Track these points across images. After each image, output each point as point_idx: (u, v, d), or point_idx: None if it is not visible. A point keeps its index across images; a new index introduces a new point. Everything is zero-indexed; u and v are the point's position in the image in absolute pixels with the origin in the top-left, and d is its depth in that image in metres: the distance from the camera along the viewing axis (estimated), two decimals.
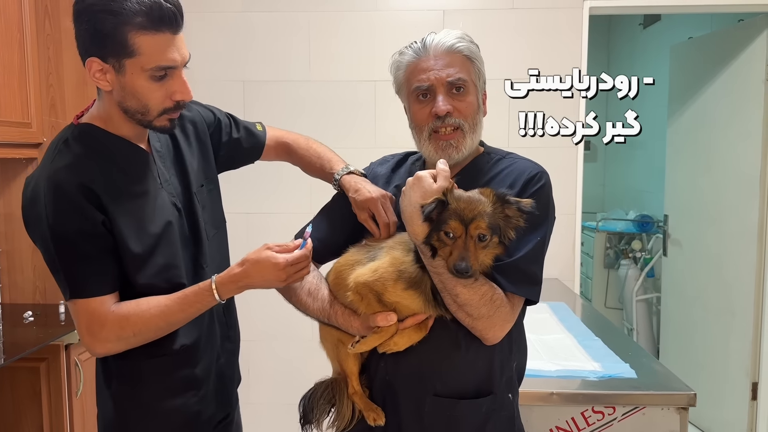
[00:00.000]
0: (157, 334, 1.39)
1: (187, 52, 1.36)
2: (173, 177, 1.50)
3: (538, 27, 3.35)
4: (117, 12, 1.25)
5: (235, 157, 1.74)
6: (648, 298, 4.68)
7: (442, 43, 1.37)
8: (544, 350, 2.10)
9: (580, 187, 3.45)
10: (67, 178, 1.31)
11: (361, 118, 3.41)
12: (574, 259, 3.47)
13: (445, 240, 1.20)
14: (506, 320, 1.28)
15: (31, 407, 2.39)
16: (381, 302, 1.30)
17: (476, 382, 1.34)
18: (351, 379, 1.42)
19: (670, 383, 1.86)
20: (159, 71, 1.31)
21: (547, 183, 1.34)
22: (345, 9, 3.38)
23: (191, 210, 1.52)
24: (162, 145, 1.50)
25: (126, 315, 1.35)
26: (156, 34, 1.28)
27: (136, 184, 1.41)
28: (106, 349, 1.38)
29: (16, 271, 2.81)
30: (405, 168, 1.52)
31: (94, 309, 1.34)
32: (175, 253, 1.44)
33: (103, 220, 1.33)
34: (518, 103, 3.35)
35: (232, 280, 1.36)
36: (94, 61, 1.31)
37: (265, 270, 1.33)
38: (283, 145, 1.77)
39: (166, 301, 1.37)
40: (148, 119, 1.37)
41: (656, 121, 4.71)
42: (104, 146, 1.39)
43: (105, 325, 1.34)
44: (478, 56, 1.40)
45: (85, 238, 1.32)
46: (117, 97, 1.35)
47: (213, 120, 1.67)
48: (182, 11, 1.33)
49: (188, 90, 1.38)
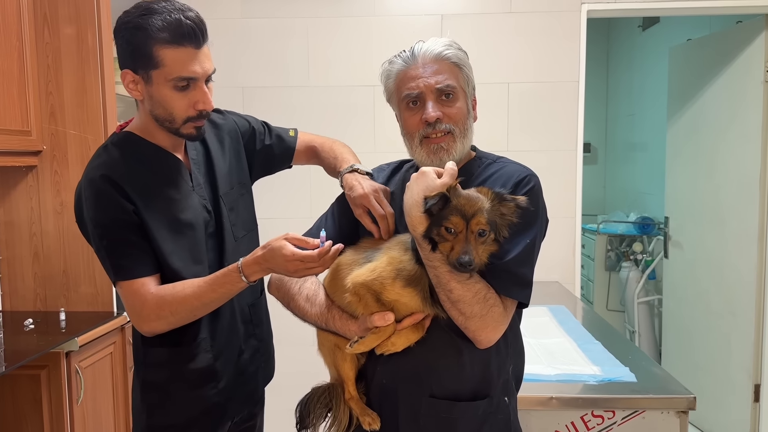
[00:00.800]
0: (193, 314, 1.48)
1: (211, 66, 1.49)
2: (205, 182, 1.62)
3: (537, 30, 3.36)
4: (145, 28, 1.41)
5: (269, 163, 1.84)
6: (649, 300, 4.67)
7: (430, 50, 1.39)
8: (543, 354, 2.10)
9: (580, 190, 3.45)
10: (98, 173, 1.46)
11: (360, 123, 3.42)
12: (574, 262, 3.47)
13: (445, 235, 1.21)
14: (499, 322, 1.28)
15: (32, 415, 2.39)
16: (379, 302, 1.31)
17: (472, 385, 1.35)
18: (347, 384, 1.43)
19: (670, 386, 1.85)
20: (181, 81, 1.44)
21: (536, 185, 1.35)
22: (343, 14, 3.39)
23: (218, 212, 1.62)
24: (198, 154, 1.64)
25: (163, 295, 1.46)
26: (178, 48, 1.42)
27: (166, 185, 1.54)
28: (150, 327, 1.49)
29: (17, 278, 2.81)
30: (400, 175, 1.54)
31: (136, 290, 1.46)
32: (200, 250, 1.56)
33: (134, 209, 1.46)
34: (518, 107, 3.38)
35: (256, 261, 1.42)
36: (127, 73, 1.47)
37: (277, 258, 1.37)
38: (312, 148, 1.85)
39: (200, 282, 1.46)
40: (175, 127, 1.50)
41: (656, 123, 4.74)
42: (138, 151, 1.54)
43: (145, 305, 1.46)
44: (466, 63, 1.42)
45: (121, 225, 1.46)
46: (148, 106, 1.50)
47: (248, 129, 1.79)
48: (204, 28, 1.46)
49: (209, 100, 1.50)
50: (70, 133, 2.73)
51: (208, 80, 1.50)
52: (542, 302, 2.82)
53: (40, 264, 2.80)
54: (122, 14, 1.47)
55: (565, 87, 3.38)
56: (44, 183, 2.77)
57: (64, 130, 2.74)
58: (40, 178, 2.77)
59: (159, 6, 1.43)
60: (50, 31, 2.70)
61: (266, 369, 1.81)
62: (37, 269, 2.81)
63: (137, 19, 1.42)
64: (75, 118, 2.74)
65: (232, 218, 1.66)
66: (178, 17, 1.41)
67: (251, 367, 1.72)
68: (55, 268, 2.80)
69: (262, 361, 1.77)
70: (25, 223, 2.79)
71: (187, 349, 1.57)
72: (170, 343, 1.56)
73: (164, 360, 1.59)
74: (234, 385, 1.65)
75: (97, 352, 2.58)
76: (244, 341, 1.69)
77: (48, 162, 2.76)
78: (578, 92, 3.38)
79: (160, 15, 1.41)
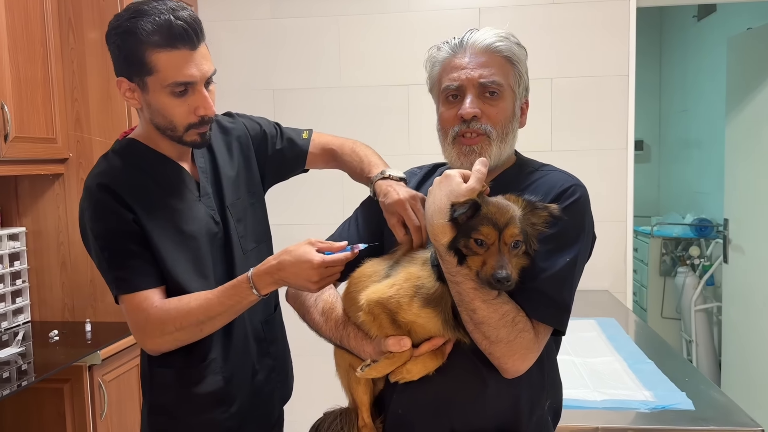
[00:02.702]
0: (200, 329, 1.37)
1: (211, 67, 1.40)
2: (213, 191, 1.54)
3: (582, 22, 3.17)
4: (134, 32, 1.32)
5: (281, 168, 1.73)
6: (708, 307, 4.42)
7: (480, 40, 1.25)
8: (589, 376, 1.91)
9: (631, 191, 3.25)
10: (96, 182, 1.39)
11: (394, 124, 3.29)
12: (625, 269, 3.26)
13: (474, 248, 1.07)
14: (528, 349, 1.13)
15: (56, 429, 2.35)
16: (395, 323, 1.17)
17: (500, 420, 1.20)
18: (361, 410, 1.30)
19: (733, 416, 1.65)
20: (178, 87, 1.35)
21: (582, 197, 1.19)
22: (376, 11, 3.27)
23: (225, 223, 1.54)
24: (205, 161, 1.56)
25: (168, 309, 1.36)
26: (172, 51, 1.33)
27: (168, 195, 1.45)
28: (155, 344, 1.39)
29: (45, 288, 2.78)
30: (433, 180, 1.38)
31: (138, 304, 1.37)
32: (204, 264, 1.46)
33: (134, 218, 1.38)
34: (562, 103, 3.19)
35: (268, 272, 1.31)
36: (123, 81, 1.39)
37: (300, 267, 1.26)
38: (329, 151, 1.72)
39: (207, 294, 1.37)
40: (177, 135, 1.42)
41: (713, 118, 4.52)
42: (140, 159, 1.46)
43: (149, 320, 1.36)
44: (520, 59, 1.26)
45: (121, 235, 1.37)
46: (147, 115, 1.42)
47: (259, 132, 1.69)
48: (198, 27, 1.36)
49: (210, 105, 1.40)
50: (96, 139, 2.68)
51: (209, 83, 1.41)
52: (589, 314, 2.62)
53: (68, 274, 2.76)
54: (113, 18, 1.38)
55: (614, 82, 3.18)
56: (71, 191, 2.72)
57: (90, 137, 2.69)
58: (66, 186, 2.73)
59: (149, 6, 1.33)
60: (75, 36, 2.66)
61: (283, 389, 1.71)
62: (64, 279, 2.77)
63: (126, 22, 1.33)
64: (100, 124, 2.69)
65: (240, 230, 1.57)
66: (169, 18, 1.32)
67: (267, 388, 1.61)
68: (83, 278, 2.75)
69: (278, 381, 1.67)
70: (53, 232, 2.75)
71: (196, 370, 1.47)
72: (177, 364, 1.47)
73: (171, 382, 1.49)
74: (249, 408, 1.55)
75: (122, 365, 2.52)
76: (257, 361, 1.59)
77: (74, 169, 2.71)
78: (628, 87, 3.18)
79: (150, 17, 1.32)
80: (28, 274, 2.77)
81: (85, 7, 2.65)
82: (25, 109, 2.45)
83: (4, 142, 2.32)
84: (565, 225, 1.13)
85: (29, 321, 2.77)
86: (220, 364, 1.50)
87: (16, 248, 2.69)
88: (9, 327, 2.65)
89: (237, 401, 1.52)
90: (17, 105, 2.40)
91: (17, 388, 2.05)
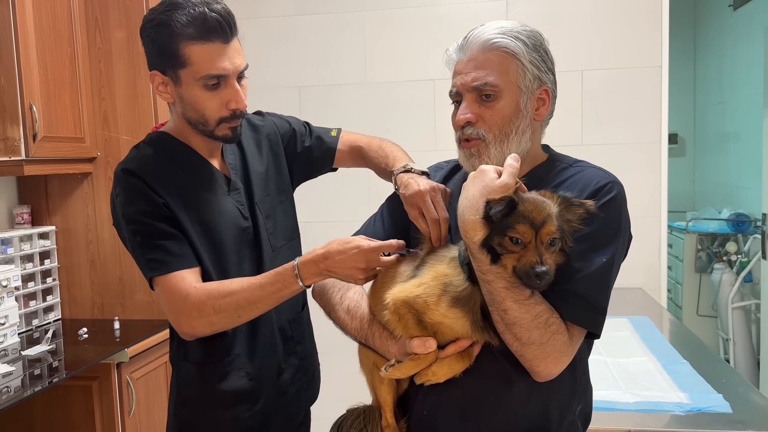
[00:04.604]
0: (238, 315, 1.35)
1: (243, 62, 1.41)
2: (242, 187, 1.54)
3: (613, 12, 3.09)
4: (168, 25, 1.34)
5: (309, 166, 1.73)
6: (746, 305, 4.29)
7: (478, 38, 1.21)
8: (621, 377, 1.86)
9: (665, 185, 3.16)
10: (127, 169, 1.40)
11: (420, 120, 3.25)
12: (660, 266, 3.17)
13: (509, 246, 1.04)
14: (562, 352, 1.08)
15: (84, 426, 2.37)
16: (420, 324, 1.14)
17: (529, 425, 1.16)
18: (385, 411, 1.28)
19: None
20: (210, 80, 1.36)
21: (619, 194, 1.14)
22: (401, 5, 3.23)
23: (255, 219, 1.54)
24: (235, 158, 1.56)
25: (208, 290, 1.35)
26: (205, 43, 1.34)
27: (197, 186, 1.46)
28: (190, 327, 1.36)
29: (75, 286, 2.81)
30: (460, 175, 1.36)
31: (175, 284, 1.35)
32: (225, 257, 1.45)
33: (164, 203, 1.38)
34: (593, 96, 3.12)
35: (314, 261, 1.29)
36: (156, 75, 1.40)
37: (347, 253, 1.24)
38: (357, 149, 1.71)
39: (249, 279, 1.36)
40: (209, 129, 1.43)
41: (751, 110, 4.38)
42: (170, 150, 1.47)
43: (187, 300, 1.34)
44: (521, 51, 1.19)
45: (153, 217, 1.37)
46: (179, 109, 1.43)
47: (288, 130, 1.70)
48: (232, 21, 1.37)
49: (242, 99, 1.41)
50: (123, 138, 2.69)
51: (241, 77, 1.42)
52: (622, 313, 2.55)
53: (97, 272, 2.79)
54: (148, 12, 1.40)
55: (647, 73, 3.10)
56: (99, 190, 2.75)
57: (117, 135, 2.70)
58: (95, 184, 2.75)
59: (183, 0, 1.35)
60: (102, 35, 2.68)
61: (309, 389, 1.69)
62: (94, 277, 2.80)
63: (161, 15, 1.35)
64: (127, 123, 2.71)
65: (269, 227, 1.57)
66: (203, 10, 1.33)
67: (292, 388, 1.61)
68: (111, 276, 2.77)
69: (304, 381, 1.66)
70: (82, 231, 2.78)
71: (220, 366, 1.47)
72: (202, 359, 1.48)
73: (195, 376, 1.50)
74: (273, 408, 1.55)
75: (150, 362, 2.54)
76: (283, 360, 1.58)
77: (102, 168, 2.74)
78: (662, 79, 3.09)
79: (184, 9, 1.34)
80: (58, 272, 2.80)
81: (112, 7, 2.67)
82: (53, 108, 2.47)
83: (33, 142, 2.34)
84: (601, 224, 1.09)
85: (59, 318, 2.81)
86: (245, 360, 1.49)
87: (46, 247, 2.73)
88: (40, 324, 2.69)
89: (261, 400, 1.51)
90: (45, 105, 2.43)
91: (48, 384, 2.07)
